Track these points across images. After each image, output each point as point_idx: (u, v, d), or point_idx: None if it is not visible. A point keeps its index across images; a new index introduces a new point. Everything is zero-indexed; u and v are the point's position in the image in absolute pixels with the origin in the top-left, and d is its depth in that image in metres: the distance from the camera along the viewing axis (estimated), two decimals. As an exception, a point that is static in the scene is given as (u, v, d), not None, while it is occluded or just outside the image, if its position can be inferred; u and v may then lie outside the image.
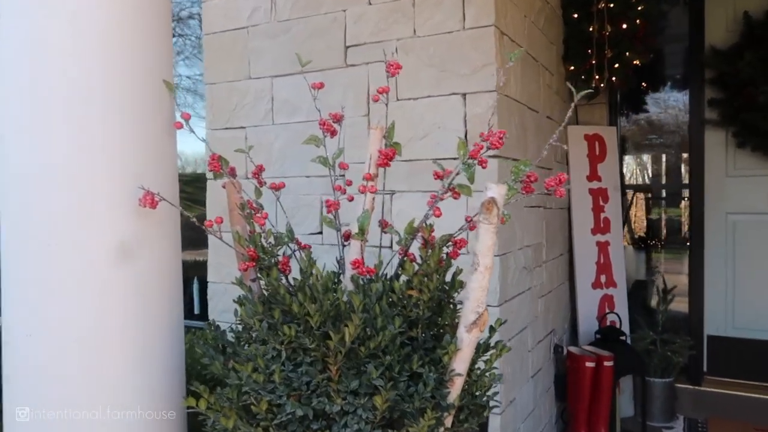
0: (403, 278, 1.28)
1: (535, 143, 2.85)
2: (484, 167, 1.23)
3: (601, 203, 3.64)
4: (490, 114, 2.35)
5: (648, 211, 4.21)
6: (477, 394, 1.18)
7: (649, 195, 4.24)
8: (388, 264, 1.40)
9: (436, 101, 2.45)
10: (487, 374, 1.20)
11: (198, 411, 1.11)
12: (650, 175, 4.16)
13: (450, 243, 1.26)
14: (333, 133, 1.51)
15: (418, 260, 1.26)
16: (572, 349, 3.26)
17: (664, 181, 4.14)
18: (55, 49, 1.16)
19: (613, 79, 3.35)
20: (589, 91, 1.42)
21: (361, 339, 1.08)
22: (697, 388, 3.65)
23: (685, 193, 3.92)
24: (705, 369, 3.72)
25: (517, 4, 2.60)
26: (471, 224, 1.27)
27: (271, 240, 1.35)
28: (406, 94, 2.52)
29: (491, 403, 1.22)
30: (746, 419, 3.42)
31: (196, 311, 3.91)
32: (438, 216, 1.26)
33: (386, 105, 1.59)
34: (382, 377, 1.06)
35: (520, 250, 2.67)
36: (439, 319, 1.28)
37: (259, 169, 1.53)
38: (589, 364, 3.11)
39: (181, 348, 1.38)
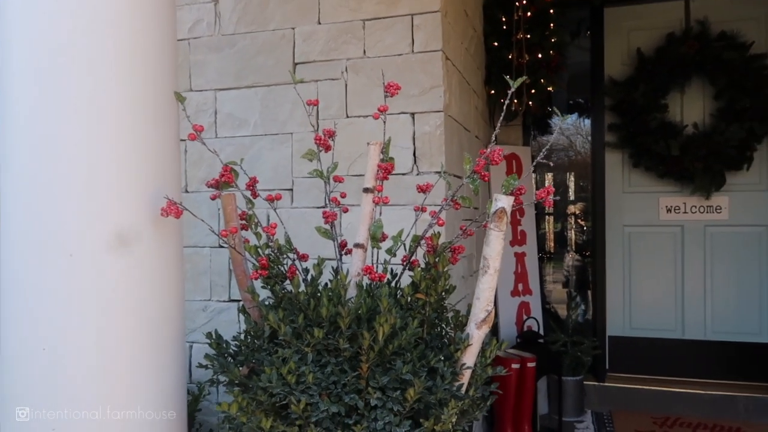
0: (407, 282, 1.38)
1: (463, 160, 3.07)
2: (486, 180, 1.37)
3: (518, 217, 3.94)
4: (437, 133, 2.52)
5: (555, 225, 4.60)
6: (479, 386, 1.30)
7: (557, 209, 4.63)
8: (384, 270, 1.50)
9: (387, 119, 2.57)
10: (488, 368, 1.33)
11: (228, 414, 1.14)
12: (558, 192, 4.57)
13: (449, 250, 1.39)
14: (327, 148, 1.58)
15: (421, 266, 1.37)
16: (497, 352, 3.49)
17: (570, 197, 4.55)
18: (70, 57, 1.15)
19: (530, 103, 3.67)
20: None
21: (388, 338, 1.17)
22: (601, 384, 4.02)
23: (589, 207, 4.33)
24: (607, 366, 4.11)
25: (456, 31, 2.80)
26: (466, 232, 1.41)
27: (276, 250, 1.40)
28: (356, 111, 2.63)
29: (490, 394, 1.35)
30: (644, 410, 3.83)
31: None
32: (441, 225, 1.38)
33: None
34: (409, 373, 1.16)
35: (459, 261, 2.85)
36: (437, 320, 1.40)
37: (253, 182, 1.56)
38: (515, 366, 3.34)
39: (184, 347, 1.38)
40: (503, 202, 1.21)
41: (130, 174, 1.16)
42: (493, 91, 3.72)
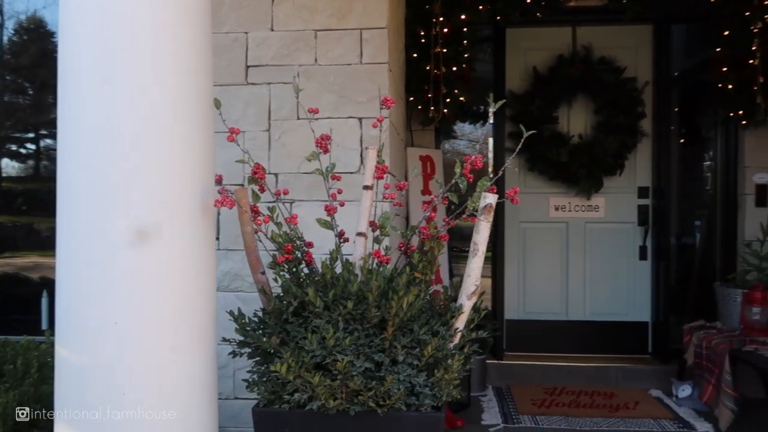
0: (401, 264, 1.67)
1: (397, 160, 3.40)
2: (470, 181, 1.69)
3: (432, 214, 4.33)
4: (383, 136, 2.81)
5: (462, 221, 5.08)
6: (467, 345, 1.62)
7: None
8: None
9: (336, 122, 2.83)
10: (471, 331, 1.65)
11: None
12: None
13: (438, 237, 1.69)
14: (326, 150, 1.81)
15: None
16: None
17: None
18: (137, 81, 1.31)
19: (445, 111, 4.08)
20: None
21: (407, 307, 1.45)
22: (500, 362, 4.54)
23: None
24: (505, 346, 4.64)
25: (395, 45, 3.12)
26: (449, 222, 1.72)
27: (295, 238, 1.62)
28: (307, 114, 2.84)
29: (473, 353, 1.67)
30: (537, 382, 4.39)
31: (44, 326, 3.56)
32: (433, 217, 1.68)
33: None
34: (425, 334, 1.45)
35: (394, 251, 3.17)
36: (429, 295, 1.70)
37: (261, 176, 1.76)
38: (434, 347, 3.73)
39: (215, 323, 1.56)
40: (490, 198, 1.53)
41: (192, 171, 1.34)
42: (412, 98, 4.08)
